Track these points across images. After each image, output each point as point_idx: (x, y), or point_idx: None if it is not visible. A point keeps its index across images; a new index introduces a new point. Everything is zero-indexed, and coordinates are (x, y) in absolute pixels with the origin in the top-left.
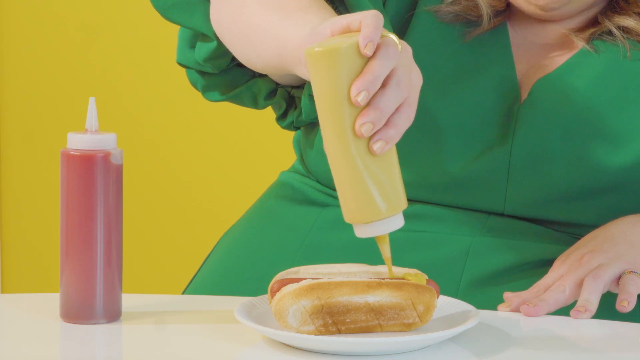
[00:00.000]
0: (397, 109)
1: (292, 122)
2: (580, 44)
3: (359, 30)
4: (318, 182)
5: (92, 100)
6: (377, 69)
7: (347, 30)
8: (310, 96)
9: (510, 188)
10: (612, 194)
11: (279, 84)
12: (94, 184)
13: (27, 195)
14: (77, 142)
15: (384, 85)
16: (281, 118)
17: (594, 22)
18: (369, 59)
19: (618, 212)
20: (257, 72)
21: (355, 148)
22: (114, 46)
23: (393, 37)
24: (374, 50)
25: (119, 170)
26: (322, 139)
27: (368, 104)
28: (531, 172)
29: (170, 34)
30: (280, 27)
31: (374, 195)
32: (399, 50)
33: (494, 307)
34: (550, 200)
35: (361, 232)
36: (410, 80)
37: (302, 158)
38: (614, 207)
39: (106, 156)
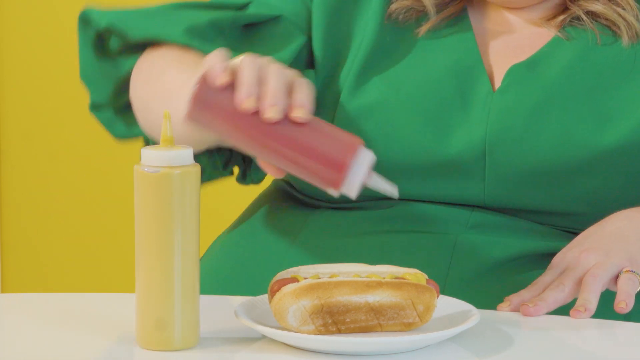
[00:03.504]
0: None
1: (252, 179)
2: (552, 32)
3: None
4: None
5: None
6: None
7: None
8: None
9: (488, 174)
10: (591, 178)
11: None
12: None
13: (27, 195)
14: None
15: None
16: (242, 179)
17: (562, 9)
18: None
19: (599, 198)
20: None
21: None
22: None
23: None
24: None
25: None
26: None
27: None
28: (507, 157)
29: None
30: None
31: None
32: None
33: (480, 305)
34: (528, 185)
35: None
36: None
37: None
38: (595, 193)
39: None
